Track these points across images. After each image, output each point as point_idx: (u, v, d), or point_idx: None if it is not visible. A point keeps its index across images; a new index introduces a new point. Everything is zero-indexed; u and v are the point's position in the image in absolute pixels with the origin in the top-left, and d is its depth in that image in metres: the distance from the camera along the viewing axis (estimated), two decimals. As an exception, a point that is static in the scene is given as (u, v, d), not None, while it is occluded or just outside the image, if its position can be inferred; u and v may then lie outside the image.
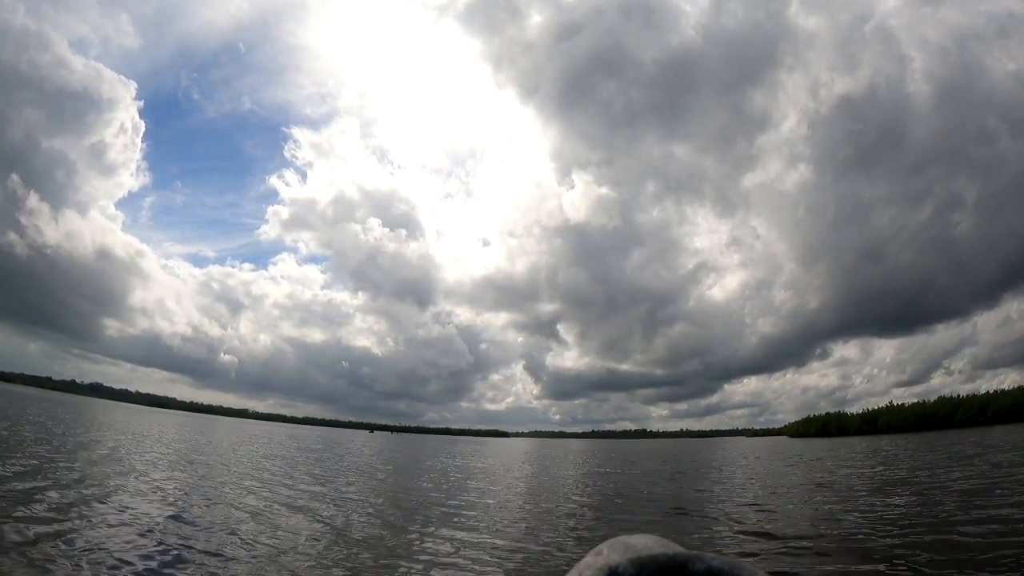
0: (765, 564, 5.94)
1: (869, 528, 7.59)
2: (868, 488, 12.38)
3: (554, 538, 7.87)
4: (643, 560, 0.49)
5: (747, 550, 6.87)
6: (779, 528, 8.04)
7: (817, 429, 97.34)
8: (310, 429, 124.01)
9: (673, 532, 8.08)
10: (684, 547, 0.52)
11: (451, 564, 6.26)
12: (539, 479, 19.08)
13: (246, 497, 10.02)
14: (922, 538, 6.62)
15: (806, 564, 6.00)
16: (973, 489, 10.28)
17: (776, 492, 12.96)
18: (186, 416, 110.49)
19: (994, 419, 62.41)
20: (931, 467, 16.14)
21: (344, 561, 6.19)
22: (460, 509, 10.33)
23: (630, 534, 0.57)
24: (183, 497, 9.23)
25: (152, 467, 12.99)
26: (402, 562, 6.29)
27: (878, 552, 6.21)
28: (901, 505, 9.36)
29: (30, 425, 20.90)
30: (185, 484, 10.84)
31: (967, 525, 7.04)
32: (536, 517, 9.82)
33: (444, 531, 8.10)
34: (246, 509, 8.82)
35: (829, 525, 8.12)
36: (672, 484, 16.47)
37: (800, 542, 6.96)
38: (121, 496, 8.62)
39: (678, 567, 0.48)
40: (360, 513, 9.41)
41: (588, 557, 0.53)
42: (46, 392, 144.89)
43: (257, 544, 6.57)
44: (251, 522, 7.84)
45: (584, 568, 0.52)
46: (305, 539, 7.10)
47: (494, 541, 7.47)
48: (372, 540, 7.36)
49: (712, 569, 0.47)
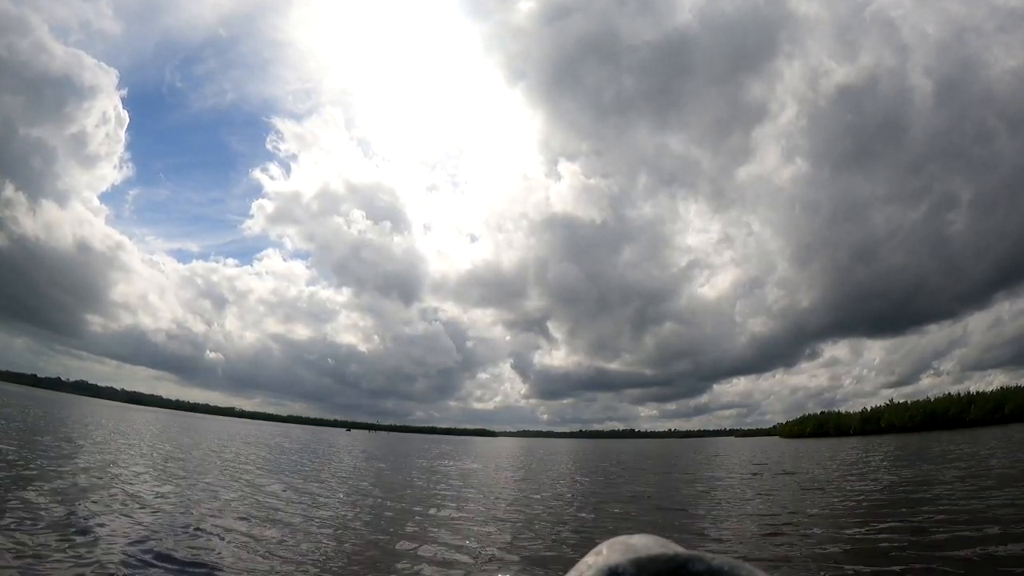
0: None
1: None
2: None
3: (550, 541, 7.85)
4: (643, 560, 0.49)
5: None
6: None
7: (813, 429, 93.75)
8: (293, 428, 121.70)
9: (673, 532, 8.09)
10: (684, 547, 0.52)
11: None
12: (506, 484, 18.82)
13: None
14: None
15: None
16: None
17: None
18: (167, 414, 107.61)
19: (1012, 417, 59.74)
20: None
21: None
22: (426, 522, 9.31)
23: (630, 534, 0.57)
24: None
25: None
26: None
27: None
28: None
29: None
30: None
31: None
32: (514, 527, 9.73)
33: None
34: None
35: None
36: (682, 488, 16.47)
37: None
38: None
39: (678, 567, 0.48)
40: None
41: (588, 557, 0.53)
42: (30, 389, 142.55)
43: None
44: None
45: (584, 568, 0.52)
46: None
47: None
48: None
49: (712, 569, 0.47)
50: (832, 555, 6.42)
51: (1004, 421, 60.31)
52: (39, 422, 23.56)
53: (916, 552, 6.21)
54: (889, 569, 5.69)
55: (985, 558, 5.78)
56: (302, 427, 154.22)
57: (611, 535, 0.58)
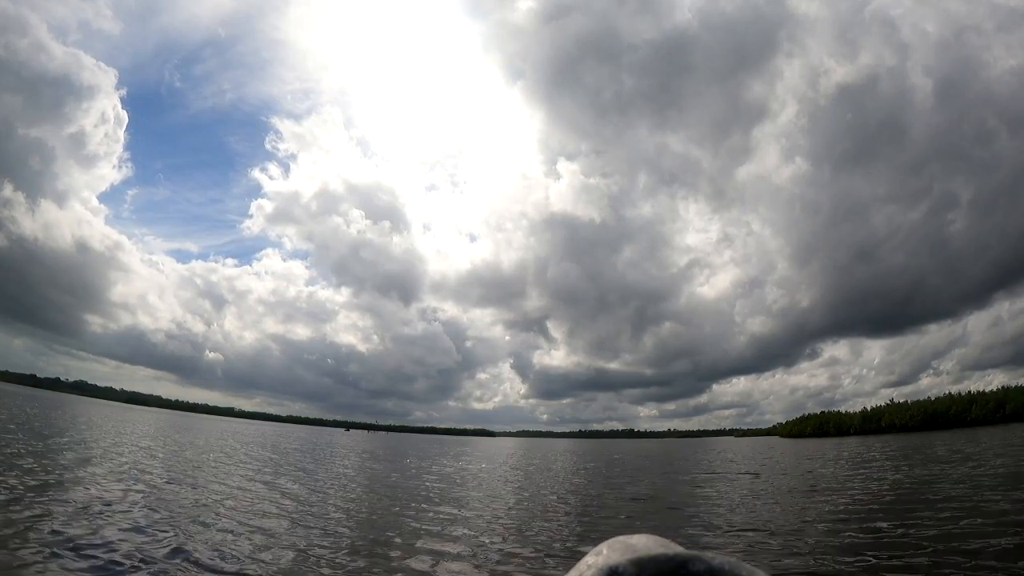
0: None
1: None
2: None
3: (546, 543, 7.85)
4: (643, 560, 0.49)
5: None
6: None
7: (813, 429, 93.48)
8: (292, 428, 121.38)
9: (673, 532, 8.08)
10: (684, 547, 0.52)
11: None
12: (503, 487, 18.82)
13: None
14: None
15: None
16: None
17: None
18: (167, 414, 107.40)
19: (1013, 417, 59.75)
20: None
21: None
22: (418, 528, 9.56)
23: (630, 534, 0.57)
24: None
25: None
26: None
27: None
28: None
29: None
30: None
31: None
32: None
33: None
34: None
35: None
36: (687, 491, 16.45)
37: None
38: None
39: (678, 567, 0.48)
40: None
41: (588, 557, 0.53)
42: (30, 390, 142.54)
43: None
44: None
45: (584, 568, 0.52)
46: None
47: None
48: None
49: (712, 569, 0.47)
50: (850, 555, 6.33)
51: (1005, 421, 60.22)
52: (36, 422, 23.54)
53: (947, 554, 6.03)
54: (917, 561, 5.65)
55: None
56: (301, 427, 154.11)
57: (611, 535, 0.58)
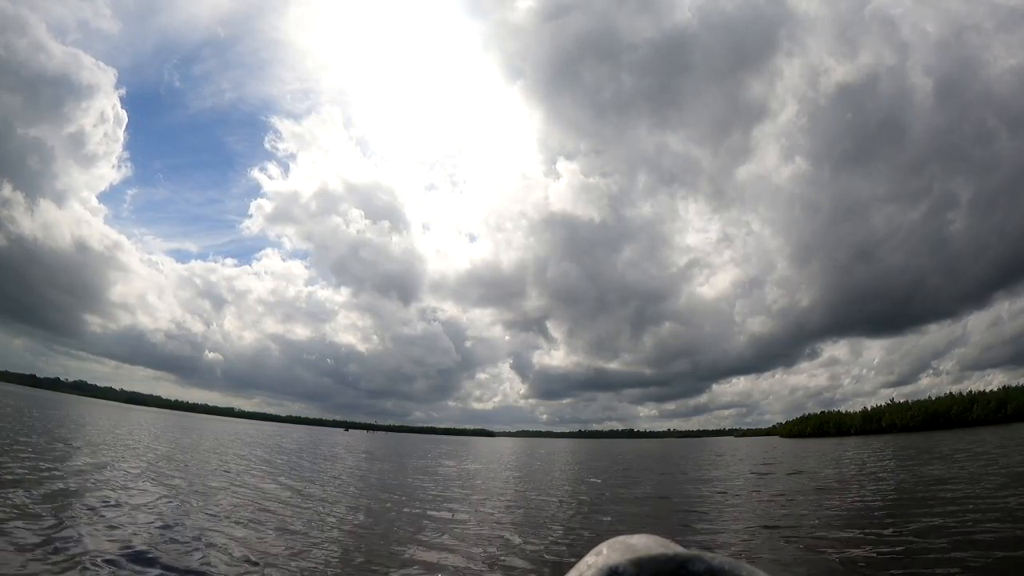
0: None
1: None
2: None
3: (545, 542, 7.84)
4: (643, 560, 0.49)
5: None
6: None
7: (813, 429, 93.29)
8: (292, 428, 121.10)
9: (673, 532, 8.08)
10: (684, 547, 0.52)
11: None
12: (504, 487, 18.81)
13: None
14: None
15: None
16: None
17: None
18: (166, 414, 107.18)
19: (1014, 417, 59.73)
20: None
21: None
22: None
23: (630, 534, 0.57)
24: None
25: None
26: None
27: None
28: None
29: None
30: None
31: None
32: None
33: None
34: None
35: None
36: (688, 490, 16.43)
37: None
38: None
39: (678, 567, 0.48)
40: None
41: (588, 557, 0.53)
42: (29, 390, 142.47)
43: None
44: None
45: (584, 568, 0.52)
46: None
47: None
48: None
49: (712, 569, 0.47)
50: (857, 556, 6.33)
51: (1006, 420, 60.15)
52: (35, 422, 23.52)
53: (958, 552, 6.02)
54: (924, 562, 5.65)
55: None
56: (301, 427, 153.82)
57: (611, 535, 0.58)
